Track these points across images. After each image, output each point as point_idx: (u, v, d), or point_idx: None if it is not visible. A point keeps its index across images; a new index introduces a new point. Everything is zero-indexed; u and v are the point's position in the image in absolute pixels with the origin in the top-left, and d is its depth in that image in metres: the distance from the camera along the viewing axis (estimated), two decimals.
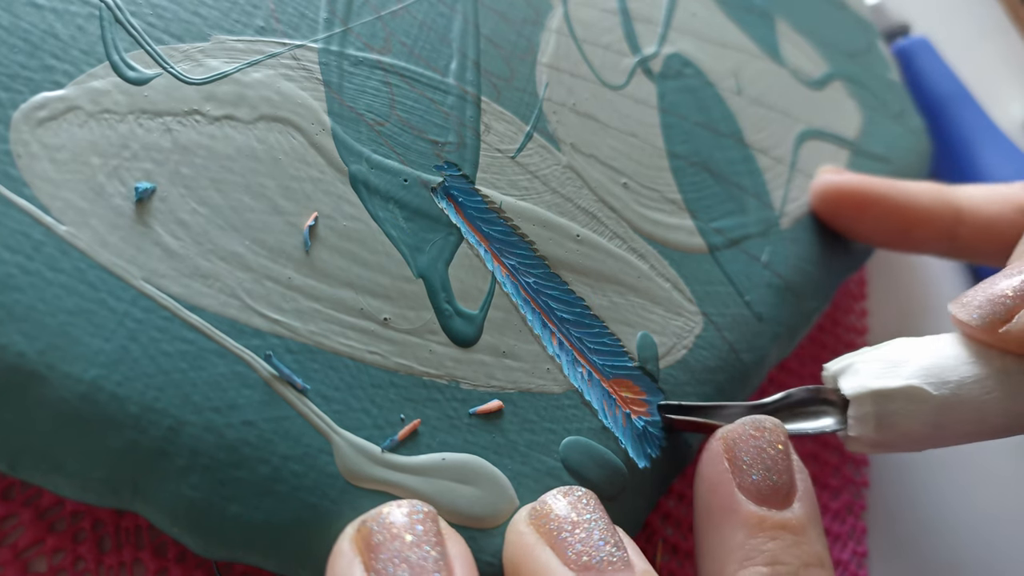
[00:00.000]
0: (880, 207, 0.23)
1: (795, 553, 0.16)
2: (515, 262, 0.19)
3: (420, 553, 0.14)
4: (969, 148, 0.32)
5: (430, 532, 0.14)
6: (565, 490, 0.16)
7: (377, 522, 0.14)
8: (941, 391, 0.17)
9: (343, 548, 0.14)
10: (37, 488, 0.17)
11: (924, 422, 0.18)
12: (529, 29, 0.22)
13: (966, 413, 0.18)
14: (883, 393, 0.18)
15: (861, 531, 0.24)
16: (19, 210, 0.15)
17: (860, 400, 0.18)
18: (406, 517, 0.14)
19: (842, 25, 0.30)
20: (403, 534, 0.14)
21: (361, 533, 0.14)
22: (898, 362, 0.18)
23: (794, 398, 0.19)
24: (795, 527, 0.16)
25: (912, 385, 0.17)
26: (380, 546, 0.14)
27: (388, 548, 0.14)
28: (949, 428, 0.18)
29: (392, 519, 0.14)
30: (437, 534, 0.14)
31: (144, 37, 0.17)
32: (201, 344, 0.15)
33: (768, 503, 0.16)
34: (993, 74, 0.40)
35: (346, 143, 0.18)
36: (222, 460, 0.15)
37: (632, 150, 0.22)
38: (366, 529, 0.14)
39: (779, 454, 0.17)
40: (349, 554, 0.14)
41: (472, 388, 0.17)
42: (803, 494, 0.17)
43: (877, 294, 0.30)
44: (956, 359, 0.18)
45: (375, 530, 0.14)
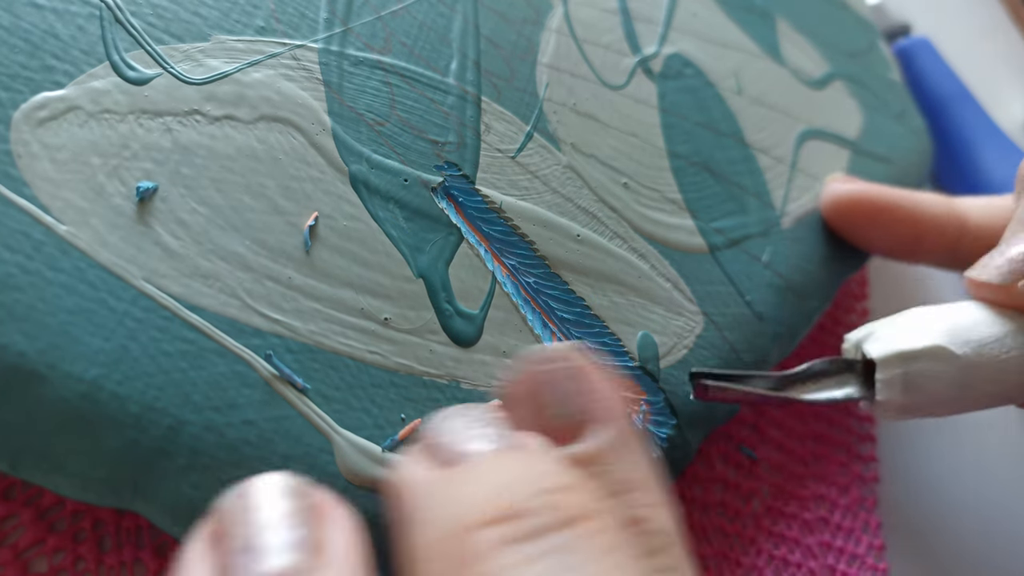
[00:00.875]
0: (891, 217, 0.23)
1: None
2: (515, 262, 0.19)
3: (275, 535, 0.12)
4: (970, 148, 0.32)
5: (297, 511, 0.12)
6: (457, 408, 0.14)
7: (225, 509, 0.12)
8: (964, 350, 0.18)
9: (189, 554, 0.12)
10: (38, 488, 0.17)
11: (950, 382, 0.18)
12: (529, 29, 0.22)
13: (989, 372, 0.18)
14: (909, 354, 0.18)
15: (876, 525, 0.24)
16: (19, 210, 0.15)
17: (887, 362, 0.18)
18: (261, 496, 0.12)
19: (843, 25, 0.30)
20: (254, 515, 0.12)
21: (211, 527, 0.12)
22: (919, 326, 0.19)
23: (816, 368, 0.19)
24: None
25: (937, 345, 0.18)
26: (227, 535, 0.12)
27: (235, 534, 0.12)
28: (974, 388, 0.18)
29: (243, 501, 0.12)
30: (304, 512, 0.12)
31: (144, 37, 0.17)
32: (201, 344, 0.15)
33: None
34: (994, 74, 0.40)
35: (346, 143, 0.18)
36: (222, 459, 0.15)
37: (632, 150, 0.22)
38: (214, 519, 0.12)
39: None
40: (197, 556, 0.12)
41: (472, 388, 0.17)
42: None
43: (878, 294, 0.30)
44: (974, 321, 0.19)
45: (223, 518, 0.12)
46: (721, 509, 0.23)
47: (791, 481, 0.24)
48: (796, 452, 0.25)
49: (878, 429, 0.27)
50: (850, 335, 0.20)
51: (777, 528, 0.23)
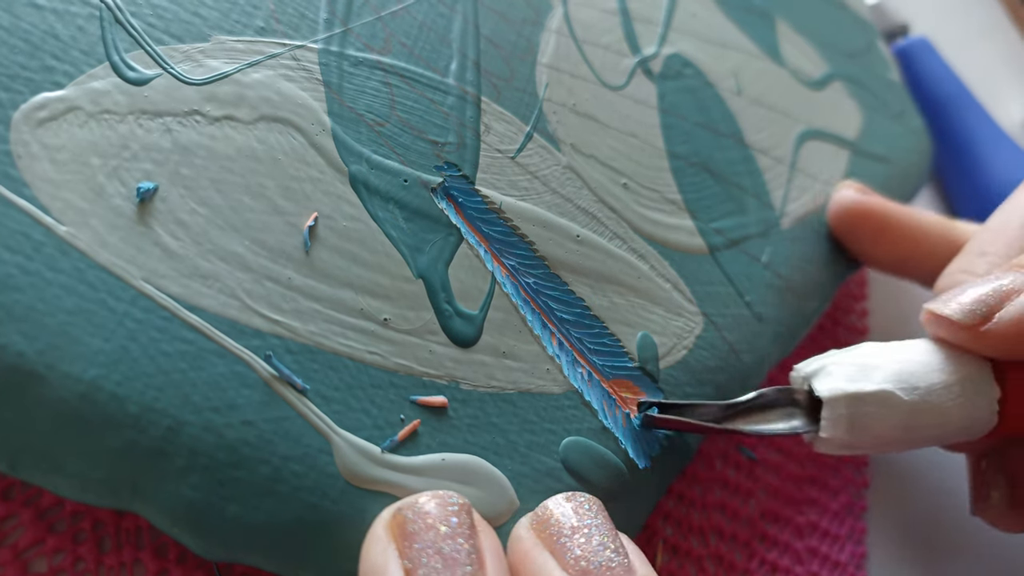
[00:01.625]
0: (897, 234, 0.23)
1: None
2: (515, 262, 0.19)
3: (454, 545, 0.14)
4: (971, 148, 0.32)
5: (464, 524, 0.14)
6: (568, 495, 0.16)
7: (413, 510, 0.14)
8: (911, 396, 0.18)
9: (378, 533, 0.14)
10: (37, 488, 0.17)
11: (894, 425, 0.18)
12: (529, 29, 0.22)
13: (933, 417, 0.18)
14: (857, 396, 0.18)
15: (861, 532, 0.24)
16: (19, 210, 0.15)
17: (834, 403, 0.18)
18: (440, 508, 0.14)
19: (842, 25, 0.30)
20: (438, 525, 0.14)
21: (396, 520, 0.14)
22: (869, 366, 0.18)
23: (766, 398, 0.19)
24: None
25: (885, 390, 0.18)
26: (415, 535, 0.14)
27: (422, 538, 0.14)
28: (916, 431, 0.18)
29: (427, 508, 0.14)
30: (471, 527, 0.14)
31: (144, 38, 0.17)
32: (201, 344, 0.15)
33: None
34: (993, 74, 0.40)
35: (346, 143, 0.18)
36: (222, 460, 0.15)
37: (632, 150, 0.22)
38: (401, 516, 0.14)
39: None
40: (384, 540, 0.14)
41: (472, 388, 0.17)
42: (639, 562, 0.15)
43: (877, 294, 0.30)
44: (925, 365, 0.19)
45: (410, 518, 0.14)
46: (720, 509, 0.23)
47: (788, 483, 0.24)
48: (795, 453, 0.25)
49: None
50: (800, 366, 0.19)
51: (771, 531, 0.23)
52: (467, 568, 0.14)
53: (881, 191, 0.26)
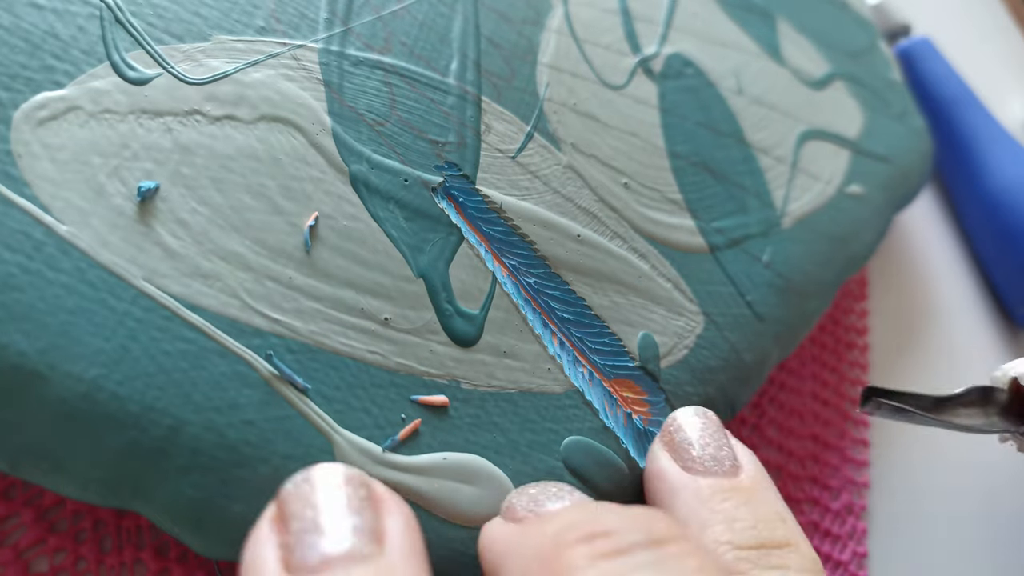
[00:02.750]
0: None
1: (750, 509, 0.16)
2: (516, 262, 0.19)
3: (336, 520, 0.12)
4: (973, 148, 0.32)
5: (354, 498, 0.13)
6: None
7: (290, 492, 0.13)
8: None
9: (259, 530, 0.13)
10: (38, 488, 0.17)
11: None
12: (529, 29, 0.22)
13: None
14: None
15: (862, 532, 0.24)
16: (20, 210, 0.15)
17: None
18: (324, 482, 0.13)
19: (843, 25, 0.30)
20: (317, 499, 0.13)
21: (277, 506, 0.13)
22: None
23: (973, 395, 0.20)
24: (746, 489, 0.16)
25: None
26: (293, 516, 0.12)
27: (300, 517, 0.12)
28: None
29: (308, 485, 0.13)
30: (364, 500, 0.13)
31: (144, 37, 0.17)
32: (202, 344, 0.15)
33: (714, 475, 0.16)
34: (995, 74, 0.39)
35: (346, 143, 0.18)
36: (223, 459, 0.15)
37: (633, 150, 0.22)
38: (281, 500, 0.13)
39: (716, 431, 0.18)
40: (263, 534, 0.13)
41: (473, 388, 0.17)
42: (749, 464, 0.17)
43: (877, 294, 0.30)
44: None
45: (287, 500, 0.13)
46: None
47: (789, 483, 0.24)
48: (795, 453, 0.25)
49: (871, 432, 0.27)
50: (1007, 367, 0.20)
51: None
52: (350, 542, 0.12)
53: (882, 191, 0.26)
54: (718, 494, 0.16)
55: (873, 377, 0.28)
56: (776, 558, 0.15)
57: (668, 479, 0.17)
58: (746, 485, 0.16)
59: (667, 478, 0.17)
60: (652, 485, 0.17)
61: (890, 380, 0.28)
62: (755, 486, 0.16)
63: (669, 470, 0.17)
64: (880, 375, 0.28)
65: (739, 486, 0.16)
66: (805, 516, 0.24)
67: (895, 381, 0.28)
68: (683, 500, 0.16)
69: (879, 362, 0.28)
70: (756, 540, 0.15)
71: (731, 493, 0.16)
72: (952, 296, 0.31)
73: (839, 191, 0.25)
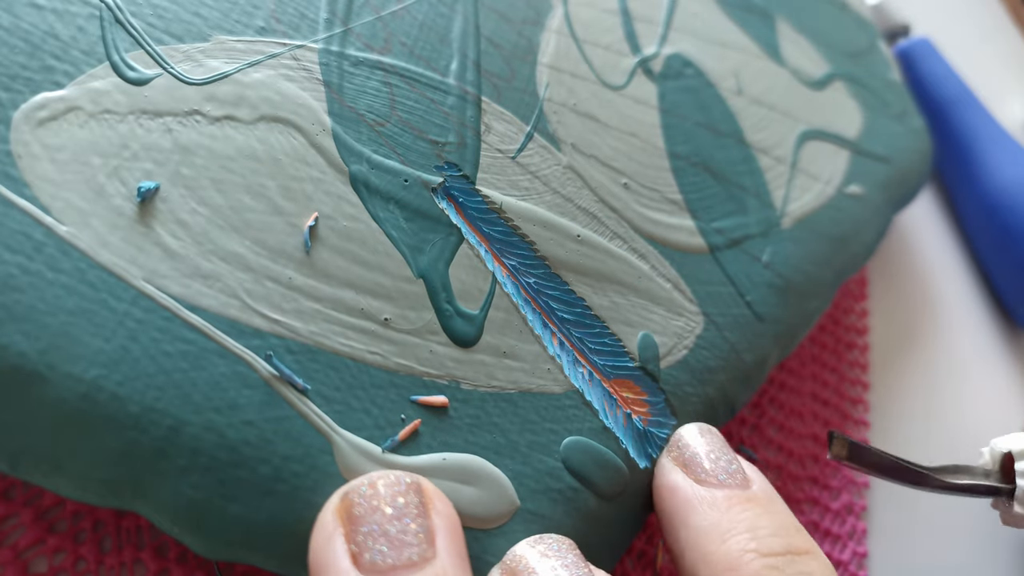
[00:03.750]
0: None
1: (769, 519, 0.16)
2: (516, 262, 0.19)
3: (400, 526, 0.14)
4: (973, 148, 0.32)
5: (411, 504, 0.14)
6: (536, 538, 0.16)
7: (358, 493, 0.14)
8: None
9: (325, 519, 0.14)
10: (38, 488, 0.17)
11: None
12: (529, 29, 0.22)
13: None
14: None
15: (861, 531, 0.24)
16: (20, 211, 0.15)
17: None
18: (387, 489, 0.14)
19: (843, 25, 0.30)
20: (383, 506, 0.14)
21: (344, 504, 0.14)
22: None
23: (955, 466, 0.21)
24: (761, 499, 0.17)
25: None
26: (361, 518, 0.14)
27: (368, 520, 0.14)
28: None
29: (373, 490, 0.14)
30: (419, 506, 0.14)
31: (144, 37, 0.17)
32: (202, 344, 0.15)
33: (727, 488, 0.17)
34: (994, 74, 0.39)
35: (346, 143, 0.18)
36: (223, 460, 0.15)
37: (633, 150, 0.22)
38: (348, 500, 0.14)
39: (723, 447, 0.18)
40: (331, 525, 0.14)
41: (473, 388, 0.17)
42: (757, 478, 0.17)
43: (877, 294, 0.30)
44: None
45: (356, 502, 0.14)
46: None
47: (789, 483, 0.24)
48: (795, 453, 0.25)
49: (870, 432, 0.27)
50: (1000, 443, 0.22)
51: None
52: (414, 548, 0.14)
53: (882, 191, 0.26)
54: (736, 505, 0.16)
55: (873, 377, 0.28)
56: (801, 565, 0.15)
57: (682, 493, 0.17)
58: (760, 495, 0.17)
59: (681, 492, 0.17)
60: (665, 500, 0.17)
61: (890, 380, 0.28)
62: (768, 496, 0.17)
63: (683, 484, 0.17)
64: (880, 375, 0.28)
65: (754, 497, 0.17)
66: (805, 516, 0.24)
67: (895, 381, 0.28)
68: (701, 512, 0.16)
69: (879, 362, 0.28)
70: (782, 547, 0.16)
71: (748, 504, 0.16)
72: (952, 296, 0.31)
73: (839, 191, 0.25)
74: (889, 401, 0.28)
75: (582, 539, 0.17)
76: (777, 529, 0.16)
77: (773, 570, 0.15)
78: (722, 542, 0.16)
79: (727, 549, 0.15)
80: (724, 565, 0.15)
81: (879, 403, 0.28)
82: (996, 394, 0.30)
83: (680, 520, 0.17)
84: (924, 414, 0.28)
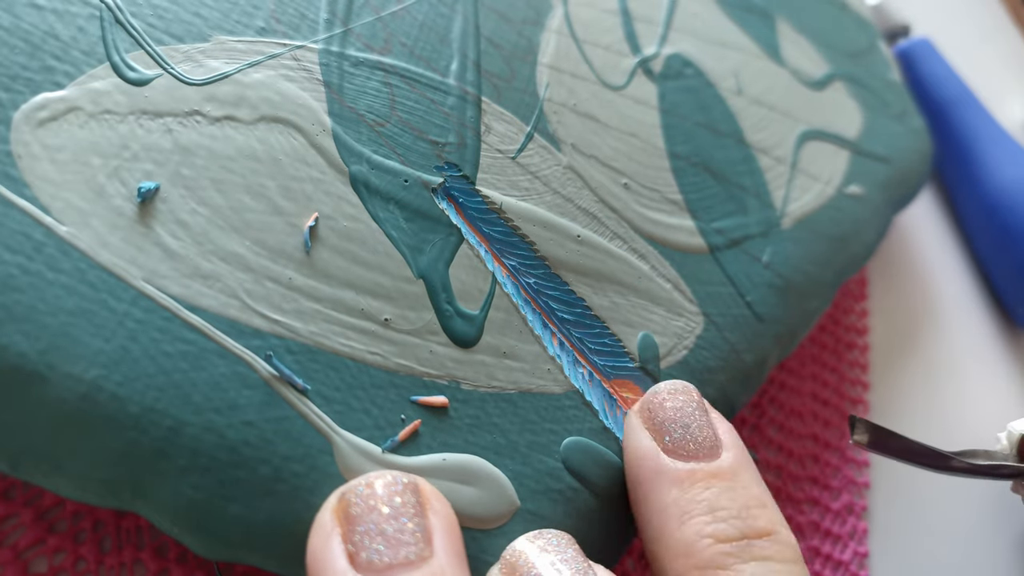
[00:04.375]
0: None
1: (731, 497, 0.16)
2: (516, 263, 0.19)
3: (396, 525, 0.14)
4: (973, 149, 0.32)
5: (408, 504, 0.14)
6: (535, 534, 0.16)
7: (355, 493, 0.14)
8: None
9: (324, 519, 0.14)
10: (38, 488, 0.17)
11: None
12: (529, 29, 0.22)
13: None
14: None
15: (862, 531, 0.24)
16: (20, 211, 0.15)
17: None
18: (384, 488, 0.14)
19: (843, 25, 0.30)
20: (380, 506, 0.14)
21: (341, 504, 0.14)
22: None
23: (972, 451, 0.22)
24: (726, 474, 0.16)
25: None
26: (358, 518, 0.14)
27: (365, 520, 0.14)
28: None
29: (370, 490, 0.14)
30: (416, 505, 0.14)
31: (144, 38, 0.17)
32: (201, 344, 0.15)
33: (695, 458, 0.16)
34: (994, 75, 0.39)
35: (346, 144, 0.18)
36: (222, 460, 0.15)
37: (633, 150, 0.22)
38: (346, 500, 0.14)
39: (696, 410, 0.17)
40: (328, 525, 0.14)
41: (473, 388, 0.17)
42: (730, 445, 0.17)
43: (877, 294, 0.30)
44: None
45: (353, 501, 0.14)
46: None
47: (789, 483, 0.24)
48: (795, 453, 0.25)
49: None
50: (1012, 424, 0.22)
51: None
52: (411, 548, 0.14)
53: (882, 191, 0.26)
54: (700, 482, 0.16)
55: (873, 377, 0.28)
56: (758, 549, 0.15)
57: (648, 462, 0.17)
58: (726, 468, 0.16)
59: (647, 460, 0.17)
60: (633, 464, 0.17)
61: (890, 380, 0.28)
62: (736, 468, 0.17)
63: (649, 452, 0.17)
64: (880, 375, 0.28)
65: (720, 471, 0.16)
66: (805, 516, 0.24)
67: (895, 381, 0.28)
68: (664, 488, 0.16)
69: (879, 362, 0.28)
70: (738, 531, 0.15)
71: (712, 480, 0.16)
72: (952, 296, 0.31)
73: (839, 191, 0.25)
74: (889, 401, 0.28)
75: (582, 539, 0.17)
76: (739, 510, 0.16)
77: (728, 556, 0.15)
78: (680, 524, 0.15)
79: (683, 533, 0.15)
80: (680, 550, 0.15)
81: (879, 403, 0.28)
82: (996, 394, 0.30)
83: (643, 493, 0.17)
84: (924, 414, 0.28)
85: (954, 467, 0.21)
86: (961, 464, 0.21)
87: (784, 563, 0.15)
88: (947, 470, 0.21)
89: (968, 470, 0.21)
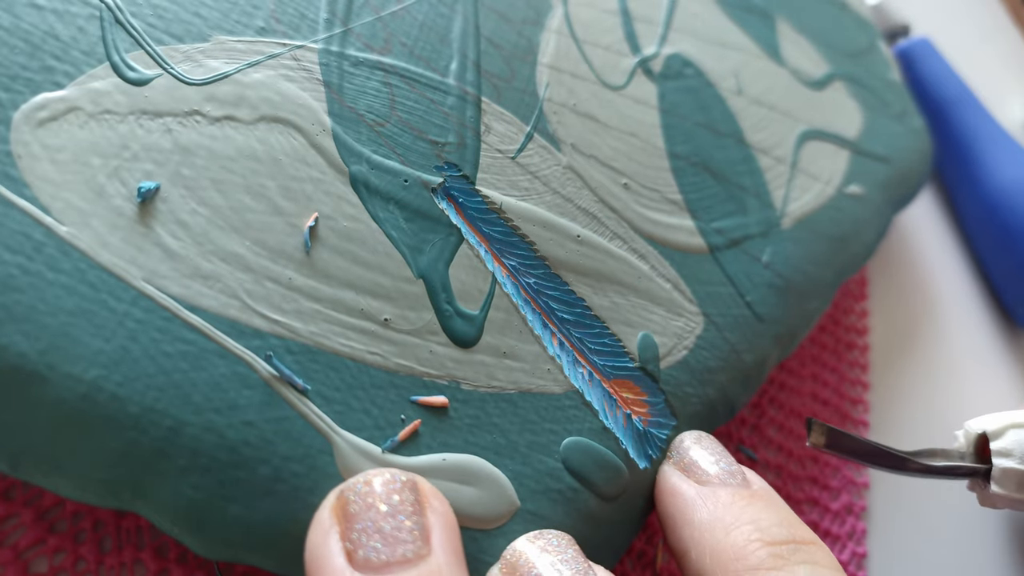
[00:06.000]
0: None
1: (771, 512, 0.16)
2: (516, 263, 0.19)
3: (395, 523, 0.14)
4: (972, 148, 0.32)
5: (406, 502, 0.14)
6: (536, 534, 0.16)
7: (354, 491, 0.14)
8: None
9: (322, 517, 0.14)
10: (38, 488, 0.17)
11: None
12: (529, 29, 0.22)
13: None
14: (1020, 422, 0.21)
15: (861, 532, 0.24)
16: (20, 211, 0.15)
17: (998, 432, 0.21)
18: (383, 487, 0.14)
19: (843, 25, 0.30)
20: (378, 504, 0.14)
21: (340, 502, 0.14)
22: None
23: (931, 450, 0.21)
24: (763, 496, 0.17)
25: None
26: (356, 516, 0.14)
27: (363, 518, 0.14)
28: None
29: (369, 488, 0.14)
30: (414, 503, 0.14)
31: (144, 38, 0.17)
32: (201, 345, 0.15)
33: (731, 486, 0.17)
34: (994, 75, 0.39)
35: (346, 144, 0.18)
36: (222, 461, 0.15)
37: (632, 150, 0.22)
38: (344, 498, 0.14)
39: (724, 450, 0.18)
40: (327, 523, 0.14)
41: (473, 388, 0.17)
42: (756, 479, 0.18)
43: (877, 294, 0.30)
44: None
45: (351, 499, 0.14)
46: None
47: (788, 483, 0.24)
48: (795, 454, 0.25)
49: (870, 432, 0.27)
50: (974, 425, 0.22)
51: None
52: (408, 546, 0.14)
53: (882, 191, 0.26)
54: (739, 500, 0.16)
55: (873, 377, 0.28)
56: (806, 554, 0.15)
57: (685, 494, 0.17)
58: (761, 494, 0.17)
59: (683, 494, 0.17)
60: (668, 503, 0.18)
61: (890, 380, 0.28)
62: (769, 495, 0.17)
63: (684, 486, 0.17)
64: (880, 375, 0.28)
65: (756, 494, 0.17)
66: (805, 516, 0.24)
67: (895, 381, 0.28)
68: (706, 509, 0.17)
69: (879, 362, 0.28)
70: (787, 536, 0.16)
71: (751, 499, 0.17)
72: (952, 296, 0.31)
73: (839, 191, 0.25)
74: (889, 401, 0.28)
75: (582, 539, 0.17)
76: (780, 521, 0.16)
77: (779, 558, 0.15)
78: (726, 534, 0.16)
79: (732, 540, 0.16)
80: (730, 555, 0.15)
81: (879, 403, 0.28)
82: (996, 394, 0.30)
83: (685, 519, 0.17)
84: (924, 414, 0.28)
85: (911, 468, 0.21)
86: (917, 465, 0.21)
87: (832, 570, 0.15)
88: (904, 471, 0.21)
89: (924, 470, 0.21)
